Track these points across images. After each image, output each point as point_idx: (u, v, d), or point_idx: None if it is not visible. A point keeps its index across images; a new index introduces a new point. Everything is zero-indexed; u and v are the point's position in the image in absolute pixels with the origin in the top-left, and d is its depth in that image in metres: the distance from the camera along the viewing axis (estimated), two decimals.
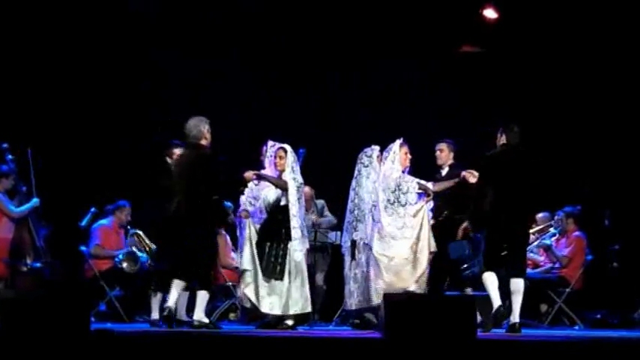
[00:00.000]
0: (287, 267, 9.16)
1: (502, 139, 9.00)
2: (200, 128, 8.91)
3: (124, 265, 10.87)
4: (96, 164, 12.31)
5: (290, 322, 9.21)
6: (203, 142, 8.93)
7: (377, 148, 9.54)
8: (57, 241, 10.86)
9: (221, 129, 10.67)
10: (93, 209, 11.23)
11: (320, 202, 11.24)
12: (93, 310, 10.49)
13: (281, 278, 9.16)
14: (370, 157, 9.52)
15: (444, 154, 9.99)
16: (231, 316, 11.13)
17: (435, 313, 6.92)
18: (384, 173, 9.36)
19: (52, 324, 6.74)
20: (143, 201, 10.56)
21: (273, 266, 9.17)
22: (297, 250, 9.21)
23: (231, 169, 9.43)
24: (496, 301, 8.83)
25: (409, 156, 9.43)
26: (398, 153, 9.33)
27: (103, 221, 11.18)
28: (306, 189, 9.95)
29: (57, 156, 11.88)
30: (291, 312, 9.21)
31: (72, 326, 6.78)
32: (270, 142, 9.50)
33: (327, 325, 10.59)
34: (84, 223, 11.17)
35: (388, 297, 7.25)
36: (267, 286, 9.20)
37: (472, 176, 9.14)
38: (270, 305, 9.18)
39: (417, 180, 9.39)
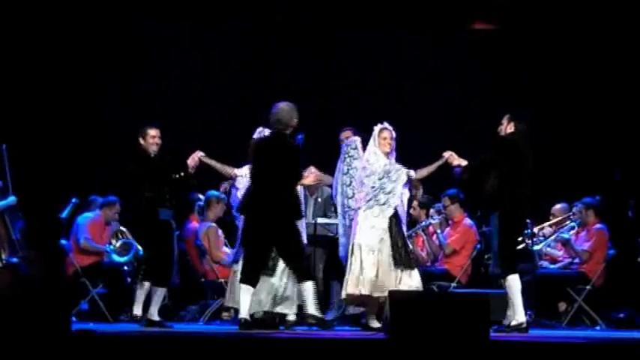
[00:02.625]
0: (280, 262, 9.16)
1: (509, 127, 9.03)
2: (292, 116, 8.97)
3: (117, 250, 10.98)
4: (78, 154, 12.34)
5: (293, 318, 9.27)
6: (288, 131, 8.99)
7: (358, 138, 9.53)
8: (35, 234, 10.86)
9: (217, 118, 10.80)
10: (74, 200, 11.23)
11: (327, 191, 11.18)
12: (74, 309, 10.51)
13: (271, 274, 9.17)
14: (356, 148, 9.50)
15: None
16: (224, 315, 11.12)
17: (444, 311, 6.92)
18: (366, 159, 9.33)
19: (30, 324, 6.73)
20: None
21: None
22: None
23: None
24: (521, 315, 8.81)
25: (389, 142, 9.32)
26: (377, 138, 9.31)
27: (90, 214, 11.17)
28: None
29: (36, 144, 11.89)
30: (278, 310, 9.23)
31: (51, 326, 6.77)
32: (260, 129, 9.48)
33: None
34: (64, 214, 11.18)
35: (393, 295, 7.24)
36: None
37: (454, 158, 9.13)
38: (257, 302, 9.18)
39: (407, 170, 9.37)
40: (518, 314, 8.82)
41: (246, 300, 8.83)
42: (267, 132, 9.40)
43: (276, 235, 8.86)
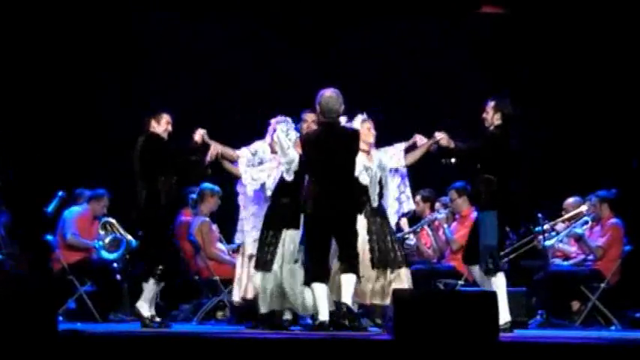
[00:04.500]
0: (277, 257, 9.16)
1: (496, 118, 9.11)
2: (341, 102, 8.97)
3: (106, 246, 10.97)
4: (64, 144, 12.37)
5: (289, 317, 9.25)
6: (339, 118, 9.04)
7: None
8: (19, 230, 10.86)
9: (217, 118, 10.80)
10: (61, 193, 11.22)
11: None
12: (61, 308, 10.52)
13: (269, 269, 9.18)
14: None
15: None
16: (219, 314, 11.14)
17: (451, 310, 6.92)
18: None
19: (15, 323, 6.73)
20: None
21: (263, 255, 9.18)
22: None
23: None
24: (506, 314, 8.88)
25: (373, 132, 9.44)
26: (360, 129, 9.32)
27: (77, 208, 11.16)
28: None
29: (24, 136, 11.92)
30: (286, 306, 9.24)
31: (37, 326, 6.77)
32: (280, 118, 9.49)
33: None
34: (50, 208, 11.17)
35: (397, 293, 7.24)
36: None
37: (445, 139, 9.20)
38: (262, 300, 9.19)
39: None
40: (505, 313, 8.86)
41: (324, 301, 8.74)
42: (275, 120, 9.43)
43: (341, 225, 8.85)
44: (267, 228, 9.24)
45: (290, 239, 9.18)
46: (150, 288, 9.23)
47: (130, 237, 10.96)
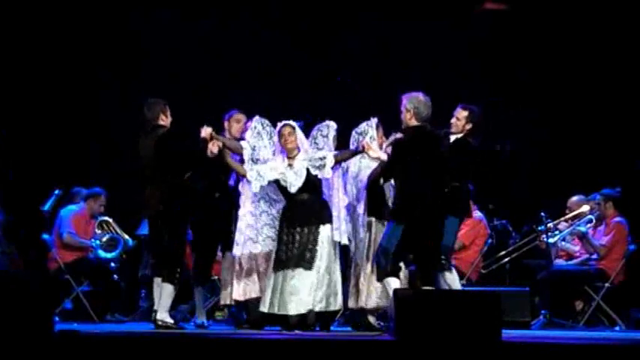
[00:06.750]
0: (317, 254, 9.11)
1: (468, 125, 9.20)
2: (430, 106, 8.96)
3: (103, 246, 10.97)
4: (63, 144, 12.40)
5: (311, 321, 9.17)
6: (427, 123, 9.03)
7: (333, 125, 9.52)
8: (16, 228, 10.86)
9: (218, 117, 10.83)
10: (57, 191, 11.21)
11: None
12: (57, 308, 10.50)
13: (309, 268, 9.10)
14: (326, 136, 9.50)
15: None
16: (218, 315, 11.12)
17: (453, 310, 6.92)
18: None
19: (10, 323, 6.72)
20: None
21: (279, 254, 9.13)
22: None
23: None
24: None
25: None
26: (376, 133, 9.42)
27: (74, 207, 11.16)
28: None
29: (15, 131, 11.94)
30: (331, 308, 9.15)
31: (33, 326, 6.76)
32: (257, 118, 9.48)
33: None
34: (47, 207, 11.16)
35: (398, 294, 7.23)
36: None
37: (370, 148, 9.16)
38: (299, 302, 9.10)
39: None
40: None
41: None
42: (256, 119, 9.44)
43: (431, 233, 8.85)
44: (284, 226, 9.19)
45: (325, 237, 9.15)
46: (168, 293, 9.06)
47: (126, 236, 10.96)
